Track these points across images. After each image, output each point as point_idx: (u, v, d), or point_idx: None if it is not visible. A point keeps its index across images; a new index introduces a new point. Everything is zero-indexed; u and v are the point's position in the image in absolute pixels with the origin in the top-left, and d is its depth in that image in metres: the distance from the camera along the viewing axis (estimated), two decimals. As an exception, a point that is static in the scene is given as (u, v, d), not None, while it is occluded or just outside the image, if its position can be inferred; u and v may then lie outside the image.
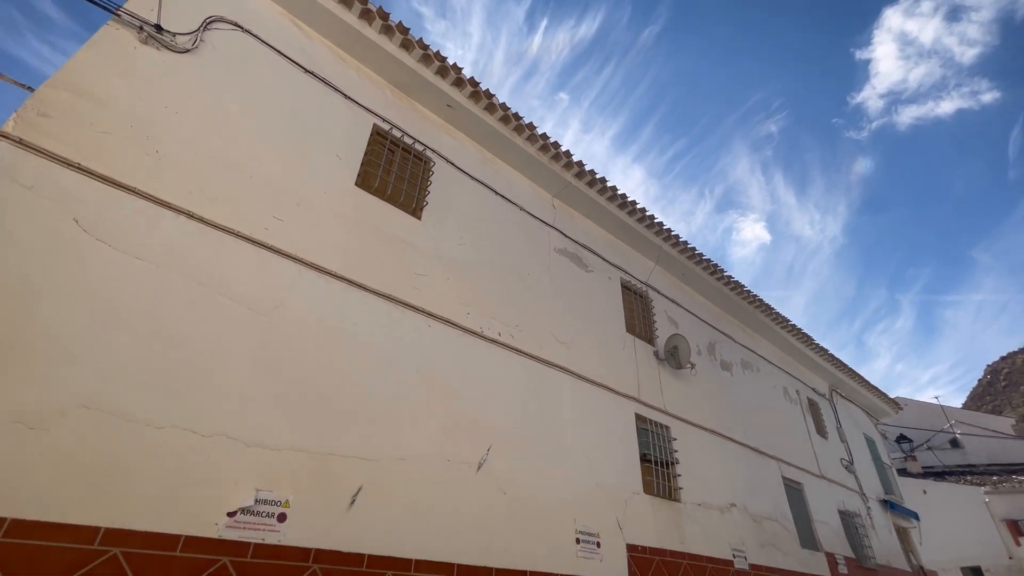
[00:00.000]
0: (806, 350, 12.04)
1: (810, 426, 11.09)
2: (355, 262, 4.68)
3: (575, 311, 6.81)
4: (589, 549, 5.09)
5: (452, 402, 4.77)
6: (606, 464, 5.87)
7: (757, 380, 10.16)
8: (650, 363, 7.60)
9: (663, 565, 5.75)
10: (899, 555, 11.69)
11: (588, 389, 6.26)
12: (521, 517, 4.70)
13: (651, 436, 6.80)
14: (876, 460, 13.53)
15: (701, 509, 6.81)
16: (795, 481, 9.41)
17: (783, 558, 7.74)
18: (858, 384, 13.91)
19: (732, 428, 8.46)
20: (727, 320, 10.36)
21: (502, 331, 5.64)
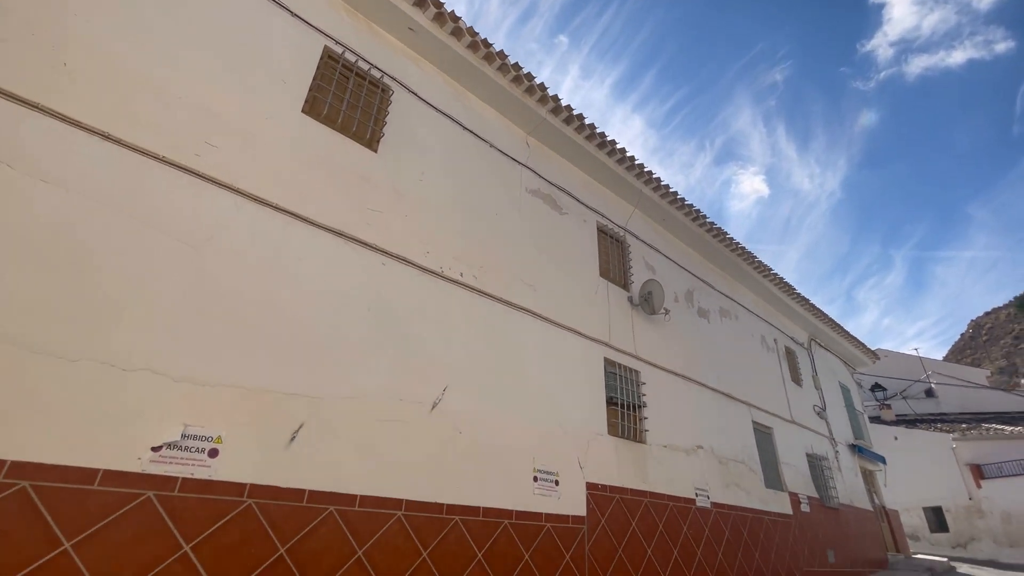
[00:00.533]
0: (787, 299, 12.00)
1: (785, 374, 11.21)
2: (300, 194, 4.40)
3: (546, 254, 6.60)
4: (547, 487, 5.14)
5: (407, 342, 4.63)
6: (570, 406, 5.86)
7: (735, 328, 10.14)
8: (623, 308, 7.49)
9: (623, 502, 5.86)
10: (863, 496, 12.16)
11: (555, 332, 6.15)
12: (477, 456, 4.68)
13: (619, 380, 6.78)
14: (849, 407, 13.84)
15: (667, 451, 6.90)
16: (765, 426, 9.59)
17: (746, 497, 7.96)
18: (838, 334, 14.01)
19: (704, 374, 8.49)
20: (707, 268, 10.21)
21: (464, 272, 5.45)
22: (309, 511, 3.52)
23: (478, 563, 4.29)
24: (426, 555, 4.00)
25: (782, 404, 10.50)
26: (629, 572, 5.55)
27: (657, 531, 6.12)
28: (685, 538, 6.48)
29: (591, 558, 5.22)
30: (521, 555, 4.63)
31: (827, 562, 9.29)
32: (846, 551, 10.17)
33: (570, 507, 5.27)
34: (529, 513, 4.86)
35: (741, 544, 7.39)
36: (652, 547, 5.96)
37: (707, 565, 6.62)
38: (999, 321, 49.54)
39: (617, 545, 5.56)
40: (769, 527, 8.16)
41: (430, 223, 5.38)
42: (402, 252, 4.94)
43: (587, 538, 5.27)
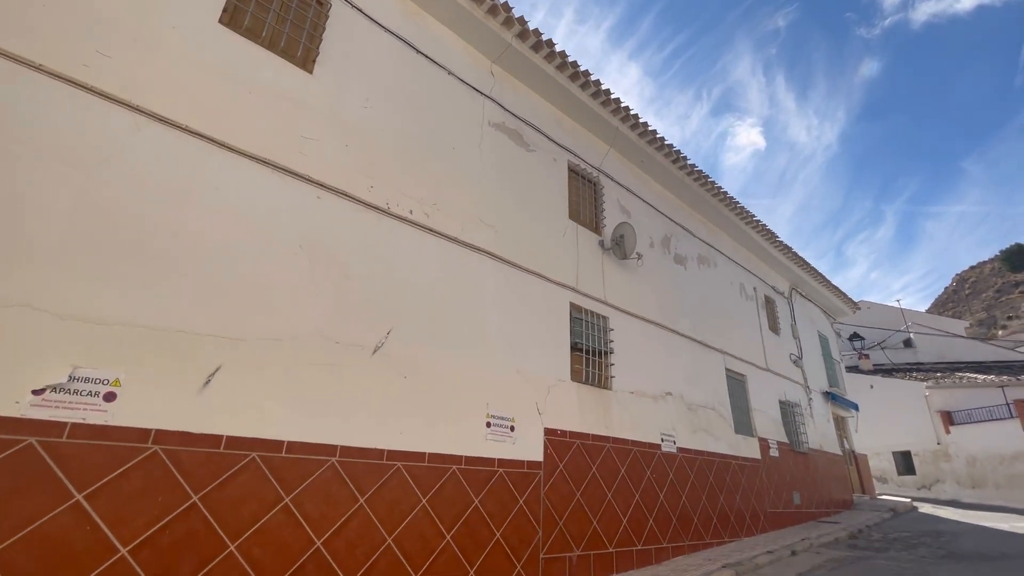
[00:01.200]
0: (770, 248, 11.73)
1: (763, 322, 11.10)
2: (216, 116, 3.92)
3: (509, 193, 6.19)
4: (502, 432, 4.97)
5: (345, 282, 4.30)
6: (530, 351, 5.63)
7: (712, 275, 9.90)
8: (594, 252, 7.16)
9: (584, 448, 5.75)
10: (833, 441, 12.39)
11: (517, 276, 5.84)
12: (424, 401, 4.46)
13: (586, 326, 6.55)
14: (826, 356, 13.91)
15: (633, 397, 6.78)
16: (739, 373, 9.53)
17: (714, 442, 7.97)
18: (820, 284, 13.88)
19: (678, 321, 8.30)
20: (687, 213, 9.84)
21: (415, 209, 5.05)
22: (227, 457, 3.29)
23: (423, 509, 4.15)
24: (363, 501, 3.83)
25: (758, 352, 10.43)
26: (588, 515, 5.51)
27: (619, 476, 6.07)
28: (648, 482, 6.45)
29: (547, 502, 5.14)
30: (471, 500, 4.51)
31: (792, 503, 9.49)
32: (813, 493, 10.41)
33: (526, 452, 5.14)
34: (481, 459, 4.71)
35: (707, 487, 7.44)
36: (613, 491, 5.91)
37: (670, 507, 6.64)
38: (983, 275, 50.15)
39: (575, 490, 5.48)
40: (736, 471, 8.22)
41: (376, 155, 4.92)
42: (341, 185, 4.52)
43: (543, 483, 5.17)
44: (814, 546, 7.53)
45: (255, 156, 4.04)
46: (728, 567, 5.87)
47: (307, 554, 3.46)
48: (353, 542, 3.69)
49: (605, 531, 5.64)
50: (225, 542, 3.15)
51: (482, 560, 4.41)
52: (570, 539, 5.23)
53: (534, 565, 4.81)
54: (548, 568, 4.92)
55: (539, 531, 4.97)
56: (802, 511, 9.75)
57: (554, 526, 5.12)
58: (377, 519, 3.87)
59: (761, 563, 6.23)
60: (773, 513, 8.81)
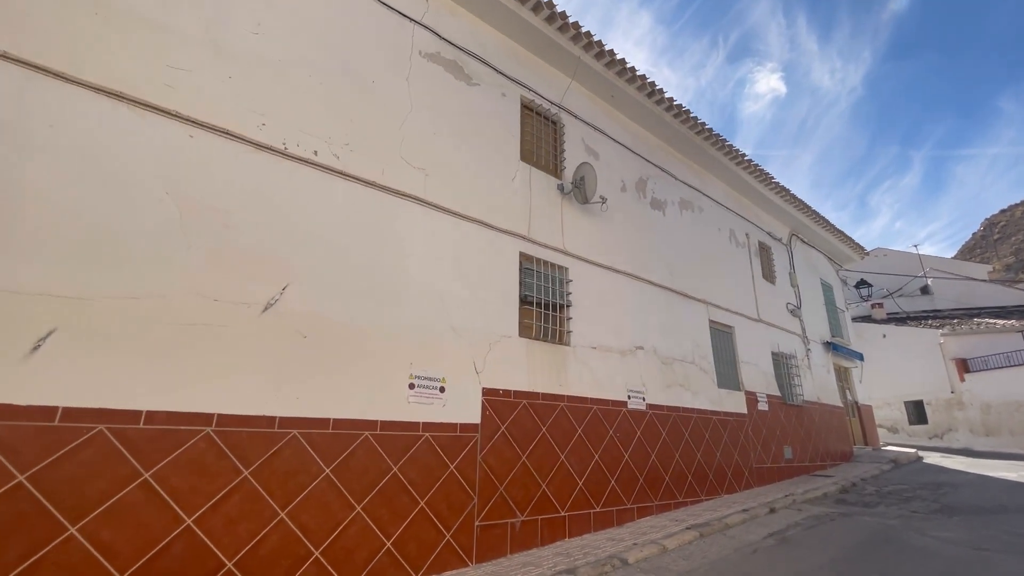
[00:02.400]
0: (765, 191, 10.88)
1: (756, 270, 10.40)
2: (50, 42, 3.35)
3: (444, 133, 5.54)
4: (428, 394, 4.53)
5: (227, 233, 3.79)
6: (469, 306, 5.13)
7: (697, 221, 9.17)
8: (551, 198, 6.52)
9: (532, 408, 5.31)
10: (833, 393, 11.83)
11: (451, 224, 5.27)
12: (329, 362, 4.02)
13: (539, 277, 6.00)
14: (829, 305, 13.18)
15: (596, 352, 6.28)
16: (725, 325, 8.94)
17: (692, 397, 7.49)
18: (823, 229, 13.00)
19: (653, 270, 7.68)
20: (667, 154, 9.03)
21: (321, 149, 4.47)
22: (66, 431, 2.90)
23: (326, 479, 3.77)
24: (248, 474, 3.45)
25: (749, 302, 9.79)
26: (536, 479, 5.12)
27: (574, 436, 5.64)
28: (611, 441, 6.03)
29: (485, 467, 4.74)
30: (387, 468, 4.12)
31: (783, 458, 9.06)
32: (807, 446, 9.96)
33: (460, 415, 4.71)
34: (401, 423, 4.29)
35: (681, 444, 7.01)
36: (567, 452, 5.50)
37: (636, 467, 6.24)
38: (1014, 218, 47.56)
39: (520, 452, 5.08)
40: (717, 427, 7.77)
41: (269, 89, 4.32)
42: (222, 123, 3.95)
43: (480, 446, 4.77)
44: (797, 502, 7.12)
45: (105, 88, 3.48)
46: (693, 528, 5.48)
47: (174, 533, 3.10)
48: (234, 518, 3.32)
49: (557, 494, 5.27)
50: (63, 524, 2.79)
51: (401, 531, 4.06)
52: (512, 504, 4.86)
53: (467, 533, 4.46)
54: (485, 536, 4.57)
55: (474, 498, 4.60)
56: (794, 466, 9.32)
57: (493, 491, 4.75)
58: (266, 492, 3.50)
59: (732, 522, 5.83)
60: (760, 469, 8.39)
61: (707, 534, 5.41)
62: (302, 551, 3.56)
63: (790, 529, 5.67)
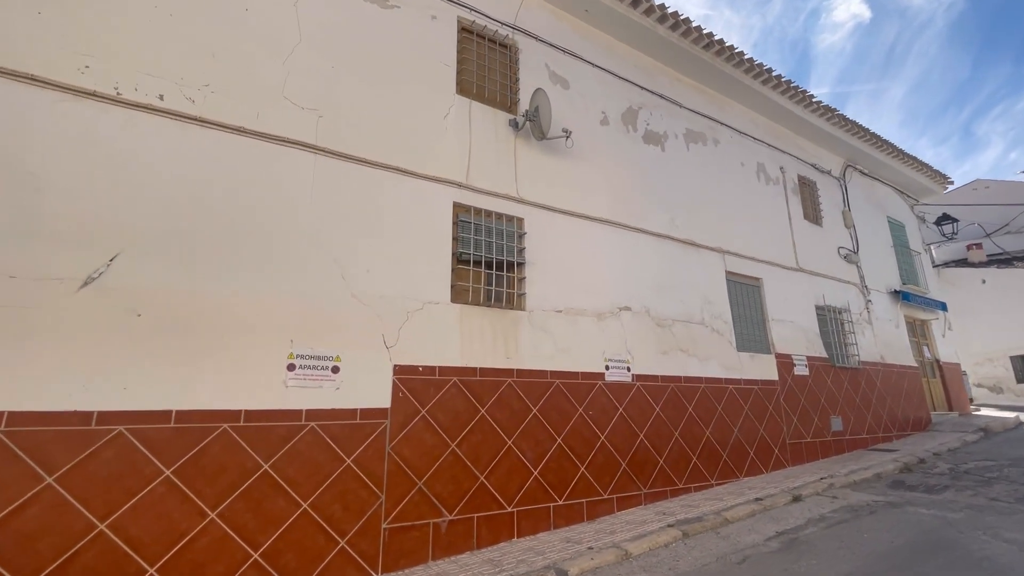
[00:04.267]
0: (807, 115, 9.03)
1: (794, 211, 8.70)
2: None
3: (349, 66, 4.65)
4: (315, 376, 3.79)
5: (36, 198, 3.18)
6: (378, 269, 4.30)
7: (711, 156, 7.68)
8: (501, 136, 5.47)
9: (466, 386, 4.44)
10: (904, 350, 9.92)
11: (355, 172, 4.42)
12: (170, 345, 3.36)
13: (481, 231, 5.03)
14: (900, 247, 11.05)
15: (561, 316, 5.26)
16: (750, 276, 7.50)
17: (699, 365, 6.26)
18: (890, 157, 10.80)
19: (645, 217, 6.44)
20: (669, 78, 7.56)
21: (169, 92, 3.74)
22: None
23: (165, 482, 3.15)
24: (52, 480, 2.88)
25: (783, 249, 8.21)
26: (471, 470, 4.29)
27: (527, 417, 4.72)
28: (580, 420, 5.05)
29: (397, 459, 3.97)
30: (255, 466, 3.44)
31: (828, 431, 7.59)
32: (865, 416, 8.35)
33: (361, 398, 3.94)
34: (274, 412, 3.59)
35: (683, 421, 5.87)
36: (516, 437, 4.60)
37: (617, 450, 5.22)
38: None
39: (449, 440, 4.25)
40: (735, 397, 6.51)
41: (95, 23, 3.62)
42: (23, 67, 3.31)
43: (390, 435, 3.99)
44: (835, 487, 5.79)
45: None
46: (679, 524, 4.44)
47: (-59, 556, 2.59)
48: (31, 534, 2.77)
49: (501, 487, 4.41)
50: None
51: (274, 540, 3.39)
52: (437, 502, 4.06)
53: (371, 538, 3.73)
54: (396, 540, 3.82)
55: (381, 496, 3.84)
56: (845, 439, 7.82)
57: (408, 487, 3.97)
58: (79, 501, 2.92)
59: (734, 516, 4.71)
60: (796, 445, 7.04)
61: (693, 533, 4.35)
62: (131, 568, 2.98)
63: (808, 527, 4.47)
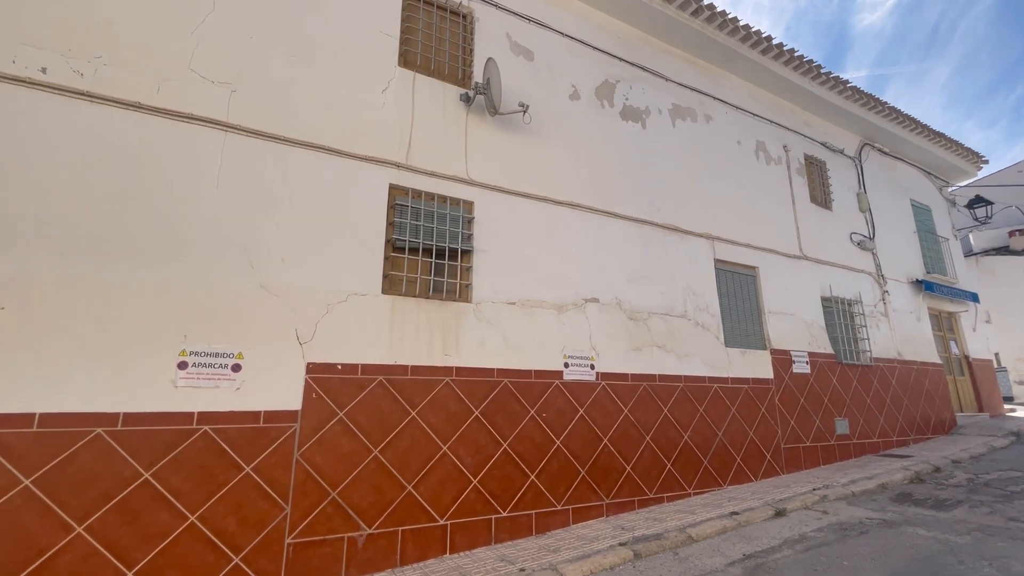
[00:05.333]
0: (818, 89, 8.24)
1: (798, 193, 7.96)
2: None
3: (270, 34, 4.26)
4: (209, 375, 3.43)
5: None
6: (294, 256, 3.91)
7: (700, 133, 7.03)
8: (450, 112, 5.01)
9: (394, 385, 4.03)
10: (927, 344, 9.04)
11: (272, 151, 4.03)
12: (37, 340, 3.04)
13: (422, 216, 4.59)
14: (925, 233, 10.10)
15: (514, 309, 4.79)
16: (744, 265, 6.86)
17: (677, 362, 5.70)
18: (915, 134, 9.86)
19: (621, 200, 5.88)
20: (653, 48, 6.92)
21: (53, 65, 3.42)
22: None
23: (23, 492, 2.84)
24: None
25: (785, 234, 7.51)
26: (397, 479, 3.88)
27: (468, 419, 4.28)
28: (532, 424, 4.58)
29: (307, 466, 3.59)
30: (135, 474, 3.11)
31: (833, 434, 6.90)
32: (876, 418, 7.60)
33: (265, 400, 3.57)
34: (160, 415, 3.25)
35: (656, 423, 5.33)
36: (453, 442, 4.17)
37: (575, 456, 4.74)
38: None
39: (372, 445, 3.85)
40: (720, 398, 5.92)
41: (-30, -9, 3.32)
42: None
43: (299, 440, 3.61)
44: (829, 499, 5.17)
45: None
46: (634, 543, 3.95)
47: None
48: None
49: (433, 497, 3.99)
50: None
51: (154, 556, 3.06)
52: (354, 513, 3.68)
53: (271, 554, 3.37)
54: (302, 556, 3.45)
55: (286, 507, 3.48)
56: (853, 443, 7.12)
57: (320, 497, 3.59)
58: (-85, 515, 2.63)
59: (701, 534, 4.18)
60: (793, 450, 6.40)
61: (647, 554, 3.85)
62: (-23, 589, 2.68)
63: (783, 549, 3.91)
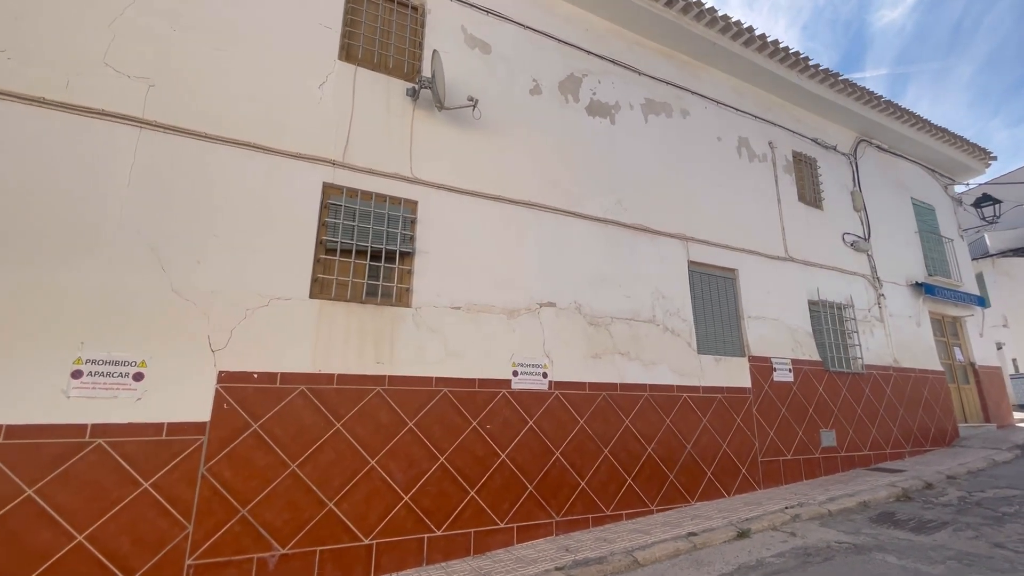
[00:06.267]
0: (807, 83, 7.87)
1: (785, 192, 7.58)
2: None
3: (197, 27, 4.08)
4: (107, 384, 3.23)
5: None
6: (212, 260, 3.71)
7: (676, 129, 6.71)
8: (395, 107, 4.78)
9: (317, 395, 3.80)
10: (928, 352, 8.55)
11: (189, 148, 3.83)
12: (-87, 348, 2.88)
13: (360, 217, 4.36)
14: (927, 233, 9.61)
15: (459, 314, 4.53)
16: (723, 267, 6.51)
17: (642, 370, 5.38)
18: (916, 130, 9.39)
19: (584, 199, 5.60)
20: (626, 41, 6.62)
21: (-49, 60, 3.27)
22: None
23: None
24: None
25: (769, 235, 7.14)
26: (317, 495, 3.64)
27: (401, 431, 4.03)
28: (473, 436, 4.31)
29: (213, 482, 3.37)
30: (15, 491, 2.90)
31: (818, 446, 6.50)
32: (867, 429, 7.17)
33: (170, 411, 3.36)
34: (49, 427, 3.05)
35: (616, 435, 5.02)
36: (383, 456, 3.92)
37: (522, 470, 4.46)
38: None
39: (289, 460, 3.61)
40: (690, 408, 5.58)
41: None
42: None
43: (206, 455, 3.39)
44: (802, 518, 4.80)
45: None
46: (571, 568, 3.66)
47: None
48: None
49: (358, 515, 3.74)
50: None
51: (31, 579, 2.86)
52: (266, 532, 3.45)
53: None
54: (205, 579, 3.23)
55: (188, 526, 3.26)
56: (840, 456, 6.70)
57: (228, 515, 3.37)
58: None
59: (649, 558, 3.87)
60: (772, 463, 6.02)
61: (584, 580, 3.56)
62: None
63: (733, 576, 3.58)
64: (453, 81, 5.05)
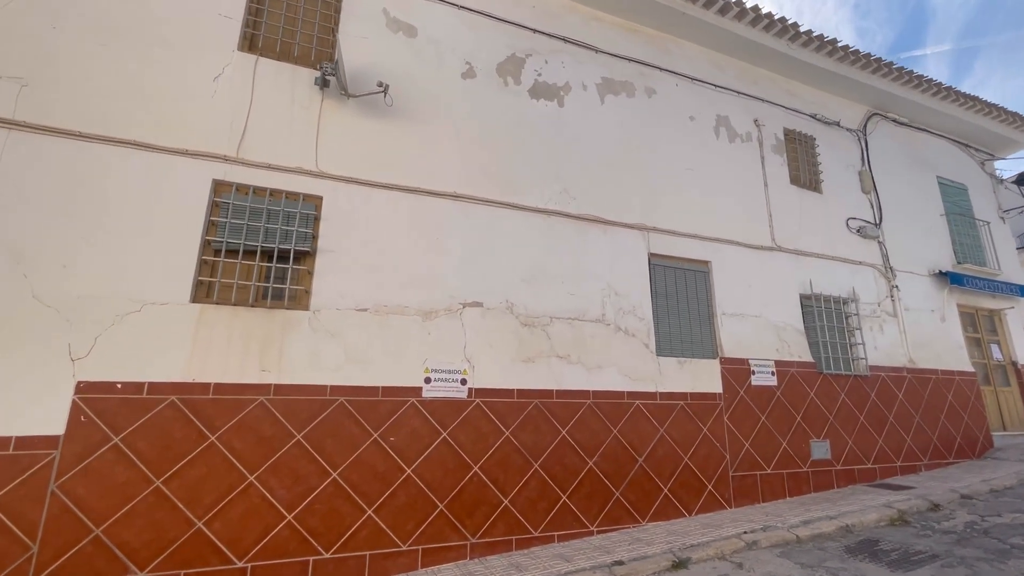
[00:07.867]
0: (800, 53, 7.07)
1: (773, 174, 6.82)
2: None
3: (80, 23, 3.95)
4: (-51, 397, 3.09)
5: None
6: (81, 264, 3.53)
7: (639, 109, 6.12)
8: (299, 99, 4.50)
9: (190, 406, 3.55)
10: (951, 350, 7.51)
11: (62, 149, 3.67)
12: None
13: (248, 215, 4.10)
14: (956, 216, 8.50)
15: (365, 317, 4.20)
16: (691, 260, 5.88)
17: (584, 375, 4.87)
18: (941, 100, 8.33)
19: (521, 189, 5.15)
20: (578, 16, 6.09)
21: None
22: None
23: None
24: None
25: (753, 223, 6.42)
26: (185, 515, 3.39)
27: (286, 445, 3.73)
28: (373, 449, 3.96)
29: (64, 499, 3.17)
30: None
31: (807, 459, 5.76)
32: (872, 439, 6.32)
33: (20, 424, 3.18)
34: None
35: (550, 448, 4.55)
36: (263, 472, 3.63)
37: (431, 487, 4.06)
38: None
39: (153, 475, 3.38)
40: (644, 416, 5.02)
41: None
42: None
43: (58, 470, 3.20)
44: (759, 546, 4.17)
45: None
46: (460, 600, 3.24)
47: None
48: None
49: (232, 536, 3.47)
50: None
51: None
52: (123, 554, 3.22)
53: (7, 602, 2.97)
54: (48, 604, 3.03)
55: (32, 547, 3.07)
56: (833, 470, 5.92)
57: (80, 535, 3.16)
58: None
59: (554, 590, 3.39)
60: (746, 479, 5.35)
61: (465, 616, 3.13)
62: None
63: (638, 618, 3.05)
64: (370, 68, 4.73)
